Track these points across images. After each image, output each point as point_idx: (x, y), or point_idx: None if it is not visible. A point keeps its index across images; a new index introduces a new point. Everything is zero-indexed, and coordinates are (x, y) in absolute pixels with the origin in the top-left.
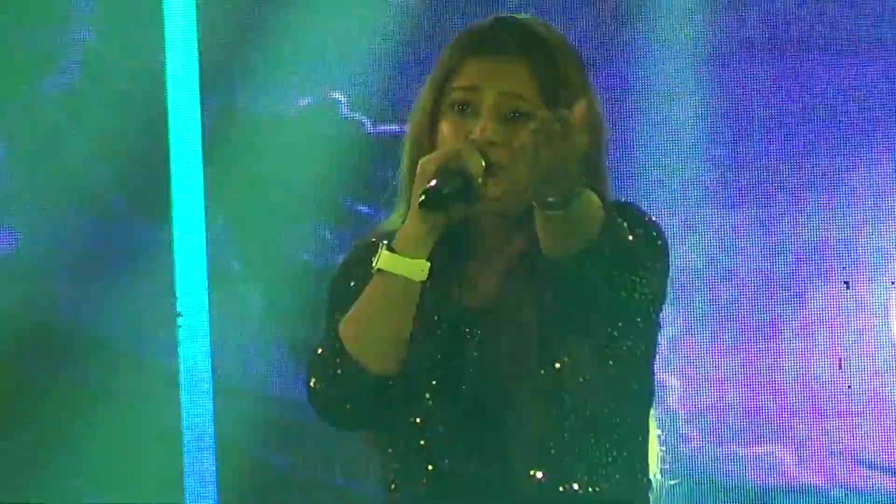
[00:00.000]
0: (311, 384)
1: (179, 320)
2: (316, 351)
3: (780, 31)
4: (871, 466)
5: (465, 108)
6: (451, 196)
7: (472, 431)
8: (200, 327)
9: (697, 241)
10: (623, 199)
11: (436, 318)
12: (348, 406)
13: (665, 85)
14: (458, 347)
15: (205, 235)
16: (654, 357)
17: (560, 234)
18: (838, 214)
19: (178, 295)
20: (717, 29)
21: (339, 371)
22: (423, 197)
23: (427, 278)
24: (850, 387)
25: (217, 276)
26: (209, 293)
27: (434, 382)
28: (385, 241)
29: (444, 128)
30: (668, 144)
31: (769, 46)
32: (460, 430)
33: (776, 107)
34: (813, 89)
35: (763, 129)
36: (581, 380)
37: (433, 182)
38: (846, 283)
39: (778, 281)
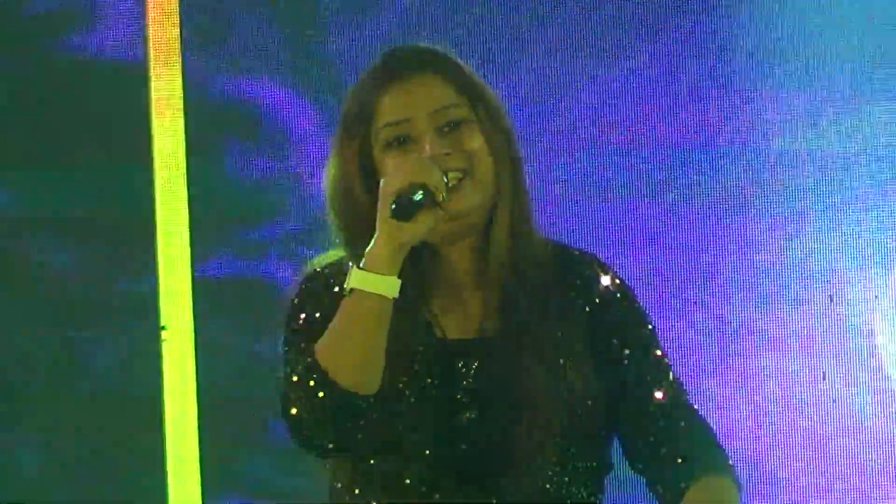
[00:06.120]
0: (293, 413)
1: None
2: (291, 379)
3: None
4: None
5: (404, 142)
6: (419, 205)
7: (460, 467)
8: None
9: (679, 255)
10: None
11: (420, 348)
12: (331, 430)
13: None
14: (439, 380)
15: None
16: None
17: None
18: (823, 226)
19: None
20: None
21: (320, 395)
22: (393, 205)
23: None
24: (834, 401)
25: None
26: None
27: (415, 415)
28: (351, 263)
29: (390, 165)
30: (648, 153)
31: (748, 51)
32: (449, 467)
33: (758, 116)
34: (794, 98)
35: (746, 139)
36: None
37: (401, 193)
38: (830, 296)
39: (761, 294)
